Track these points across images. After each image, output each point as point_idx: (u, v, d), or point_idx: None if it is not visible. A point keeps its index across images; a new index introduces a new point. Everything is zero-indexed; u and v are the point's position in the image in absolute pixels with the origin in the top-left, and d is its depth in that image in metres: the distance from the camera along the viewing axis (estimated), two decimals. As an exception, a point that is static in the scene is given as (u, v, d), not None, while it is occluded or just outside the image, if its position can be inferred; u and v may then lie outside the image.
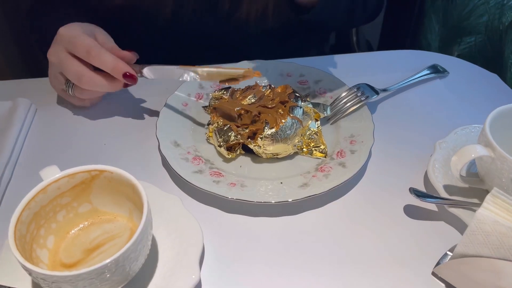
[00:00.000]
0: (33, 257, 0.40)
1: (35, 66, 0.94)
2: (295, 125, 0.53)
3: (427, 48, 1.21)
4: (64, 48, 0.55)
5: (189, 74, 0.54)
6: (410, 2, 1.20)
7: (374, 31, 1.27)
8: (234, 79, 0.52)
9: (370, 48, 1.18)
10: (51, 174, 0.42)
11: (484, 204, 0.37)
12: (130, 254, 0.37)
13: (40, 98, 0.63)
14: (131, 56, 0.56)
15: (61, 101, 0.64)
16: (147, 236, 0.39)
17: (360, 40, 1.08)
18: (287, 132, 0.52)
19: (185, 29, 0.70)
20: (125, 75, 0.54)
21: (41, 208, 0.41)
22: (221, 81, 0.53)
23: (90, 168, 0.42)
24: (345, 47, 1.09)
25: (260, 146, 0.52)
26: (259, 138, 0.51)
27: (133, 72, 0.54)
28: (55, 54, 0.56)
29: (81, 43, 0.54)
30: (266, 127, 0.52)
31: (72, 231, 0.44)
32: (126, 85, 0.56)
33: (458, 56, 1.09)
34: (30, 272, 0.35)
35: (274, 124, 0.52)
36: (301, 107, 0.54)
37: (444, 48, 1.16)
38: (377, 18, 1.27)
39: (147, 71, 0.56)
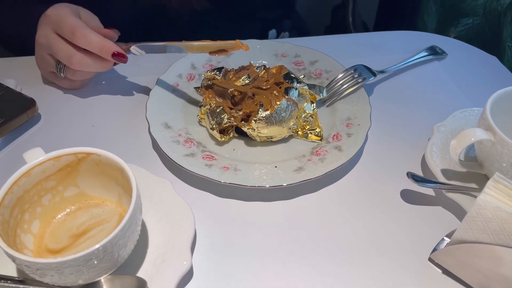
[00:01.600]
0: (17, 242, 0.38)
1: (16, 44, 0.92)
2: (290, 107, 0.51)
3: (424, 29, 1.19)
4: (52, 29, 0.53)
5: (177, 48, 0.52)
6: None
7: (370, 12, 1.25)
8: (223, 50, 0.50)
9: (366, 29, 1.16)
10: (35, 156, 0.40)
11: (486, 189, 0.35)
12: (119, 240, 0.35)
13: (24, 78, 0.61)
14: (113, 33, 0.54)
15: (46, 81, 0.61)
16: (136, 222, 0.37)
17: (356, 21, 1.05)
18: (282, 115, 0.50)
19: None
20: (113, 55, 0.52)
21: (25, 192, 0.39)
22: (210, 52, 0.51)
23: (77, 150, 0.41)
24: (341, 28, 1.07)
25: (254, 129, 0.50)
26: (253, 121, 0.50)
27: (121, 51, 0.52)
28: (43, 35, 0.54)
29: (65, 23, 0.52)
30: (260, 109, 0.50)
31: (58, 216, 0.42)
32: (118, 61, 0.54)
33: (455, 38, 1.07)
34: (13, 259, 0.34)
35: (269, 106, 0.50)
36: (296, 89, 0.53)
37: (441, 30, 1.14)
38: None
39: (134, 48, 0.54)
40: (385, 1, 1.24)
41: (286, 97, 0.51)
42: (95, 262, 0.35)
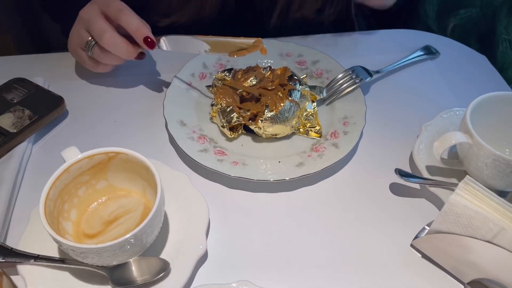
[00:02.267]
0: (60, 229, 0.45)
1: (40, 40, 0.96)
2: (293, 108, 0.57)
3: (424, 17, 1.23)
4: (99, 7, 0.58)
5: (202, 45, 0.57)
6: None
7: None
8: (243, 49, 0.56)
9: (368, 21, 1.20)
10: (72, 154, 0.46)
11: (457, 190, 0.42)
12: (147, 230, 0.42)
13: (51, 74, 0.66)
14: (147, 25, 0.59)
15: (72, 78, 0.67)
16: (160, 213, 0.44)
17: (357, 14, 1.09)
18: (286, 115, 0.56)
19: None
20: (145, 40, 0.57)
21: (65, 186, 0.46)
22: (230, 53, 0.56)
23: (107, 150, 0.47)
24: (344, 19, 1.11)
25: (260, 128, 0.56)
26: (259, 121, 0.56)
27: (153, 38, 0.57)
28: (88, 11, 0.59)
29: (115, 3, 0.57)
30: (266, 110, 0.56)
31: (92, 205, 0.49)
32: (139, 56, 0.60)
33: (454, 27, 1.11)
34: (60, 244, 0.41)
35: (274, 107, 0.56)
36: (299, 90, 0.58)
37: (441, 19, 1.17)
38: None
39: (164, 40, 0.59)
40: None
41: (290, 98, 0.57)
42: (128, 247, 0.42)
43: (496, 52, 1.00)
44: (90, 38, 0.59)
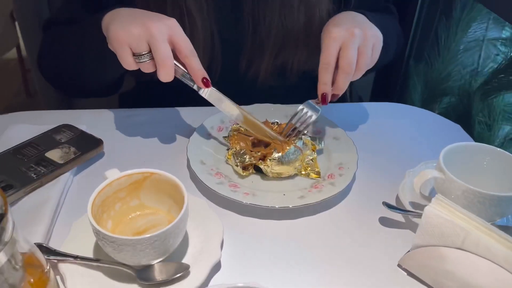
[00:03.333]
0: (99, 233, 0.53)
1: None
2: (296, 152, 0.68)
3: (411, 105, 1.39)
4: (168, 32, 0.62)
5: (238, 114, 0.69)
6: (397, 65, 1.39)
7: (365, 90, 1.46)
8: (267, 137, 0.70)
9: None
10: (114, 174, 0.56)
11: (430, 204, 0.51)
12: (175, 230, 0.50)
13: (93, 124, 0.79)
14: None
15: (108, 128, 0.79)
16: (186, 217, 0.53)
17: (353, 96, 1.25)
18: (290, 157, 0.67)
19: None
20: (203, 80, 0.66)
21: (106, 198, 0.55)
22: (255, 135, 0.70)
23: (144, 170, 0.57)
24: (340, 99, 1.27)
25: (268, 166, 0.67)
26: (268, 160, 0.66)
27: (208, 79, 0.66)
28: (160, 29, 0.61)
29: (186, 41, 0.64)
30: (274, 151, 0.67)
31: (125, 219, 0.58)
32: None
33: (438, 113, 1.28)
34: (103, 237, 0.49)
35: (281, 150, 0.67)
36: (301, 139, 0.70)
37: (426, 106, 1.34)
38: (370, 77, 1.46)
39: (212, 90, 0.68)
40: (378, 80, 1.46)
41: (294, 144, 0.68)
42: (157, 243, 0.50)
43: (474, 132, 1.14)
44: (147, 52, 0.63)
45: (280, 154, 0.67)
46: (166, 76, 0.64)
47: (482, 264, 0.48)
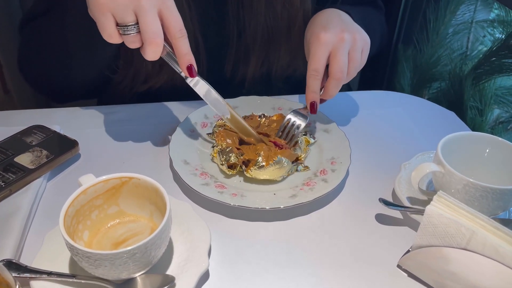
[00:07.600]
0: (74, 245, 0.49)
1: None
2: (284, 162, 0.63)
3: (401, 92, 1.36)
4: (158, 4, 0.54)
5: (225, 111, 0.65)
6: (385, 51, 1.35)
7: (354, 77, 1.42)
8: (250, 137, 0.66)
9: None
10: (88, 180, 0.52)
11: (432, 202, 0.48)
12: (156, 241, 0.46)
13: (66, 124, 0.73)
14: None
15: (84, 127, 0.74)
16: (169, 227, 0.48)
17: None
18: (277, 166, 0.62)
19: None
20: (188, 67, 0.59)
21: (81, 207, 0.50)
22: (239, 134, 0.66)
23: (122, 175, 0.52)
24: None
25: (251, 175, 0.62)
26: (250, 169, 0.62)
27: (195, 69, 0.59)
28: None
29: (178, 18, 0.56)
30: (259, 158, 0.62)
31: (103, 228, 0.53)
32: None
33: (428, 99, 1.24)
34: (77, 252, 0.44)
35: (265, 161, 0.62)
36: (299, 139, 0.67)
37: (415, 92, 1.31)
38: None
39: (199, 81, 0.62)
40: (367, 67, 1.42)
41: (280, 155, 0.63)
42: (138, 256, 0.45)
43: (466, 117, 1.12)
44: (134, 24, 0.54)
45: (264, 164, 0.61)
46: (152, 54, 0.56)
47: (488, 265, 0.45)
